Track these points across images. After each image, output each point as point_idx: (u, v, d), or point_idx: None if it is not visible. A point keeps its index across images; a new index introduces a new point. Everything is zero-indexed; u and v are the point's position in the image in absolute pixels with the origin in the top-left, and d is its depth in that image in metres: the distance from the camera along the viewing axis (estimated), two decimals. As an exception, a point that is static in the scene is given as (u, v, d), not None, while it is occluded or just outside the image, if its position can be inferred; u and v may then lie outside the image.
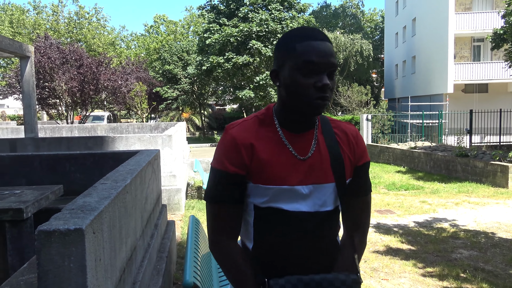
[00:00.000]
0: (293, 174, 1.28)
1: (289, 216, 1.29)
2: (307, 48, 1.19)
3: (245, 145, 1.28)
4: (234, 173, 1.28)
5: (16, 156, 4.29)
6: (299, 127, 1.31)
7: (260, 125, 1.32)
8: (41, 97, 18.14)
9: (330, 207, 1.33)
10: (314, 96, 1.20)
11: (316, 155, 1.30)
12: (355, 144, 1.38)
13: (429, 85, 24.34)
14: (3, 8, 37.75)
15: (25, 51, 6.87)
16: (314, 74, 1.19)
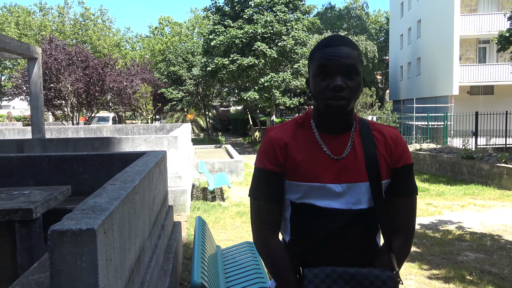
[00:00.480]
0: (326, 173, 1.35)
1: (322, 212, 1.36)
2: (321, 55, 1.30)
3: (280, 145, 1.38)
4: (271, 171, 1.38)
5: (25, 156, 4.32)
6: (335, 129, 1.39)
7: (298, 128, 1.42)
8: (47, 98, 18.25)
9: (364, 205, 1.36)
10: (328, 97, 1.29)
11: (351, 155, 1.36)
12: (393, 146, 1.41)
13: (434, 87, 24.26)
14: (9, 10, 38.02)
15: (32, 52, 6.92)
16: (329, 77, 1.29)
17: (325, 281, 1.32)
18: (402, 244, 1.43)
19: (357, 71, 1.30)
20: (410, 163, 1.42)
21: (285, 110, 42.24)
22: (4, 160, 4.29)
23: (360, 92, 1.36)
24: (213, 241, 4.06)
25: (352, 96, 1.30)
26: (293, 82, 19.91)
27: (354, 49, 1.32)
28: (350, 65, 1.28)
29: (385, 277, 1.32)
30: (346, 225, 1.36)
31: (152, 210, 3.08)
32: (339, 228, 1.35)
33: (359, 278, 1.32)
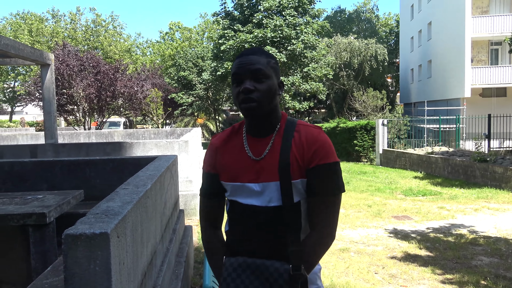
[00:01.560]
0: (247, 173, 1.50)
1: (245, 208, 1.51)
2: (234, 65, 1.47)
3: (213, 150, 1.60)
4: (208, 172, 1.60)
5: (38, 161, 4.38)
6: (258, 132, 1.52)
7: (232, 133, 1.60)
8: (59, 103, 18.47)
9: (276, 203, 1.47)
10: (240, 101, 1.44)
11: (268, 156, 1.48)
12: (306, 147, 1.47)
13: (445, 89, 24.05)
14: (22, 17, 38.63)
15: (45, 59, 7.02)
16: (240, 84, 1.44)
17: (237, 270, 1.47)
18: (314, 240, 1.50)
19: (265, 74, 1.43)
20: (326, 162, 1.46)
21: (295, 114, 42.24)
22: (18, 165, 4.34)
23: (276, 95, 1.47)
24: (224, 245, 4.05)
25: (262, 98, 1.42)
26: (303, 85, 19.90)
27: (263, 57, 1.46)
28: (256, 69, 1.42)
29: (283, 269, 1.43)
30: (265, 221, 1.48)
31: (163, 214, 3.09)
32: (259, 223, 1.49)
33: (262, 269, 1.45)
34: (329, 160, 1.46)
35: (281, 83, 1.54)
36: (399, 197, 9.01)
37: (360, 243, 5.65)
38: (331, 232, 1.51)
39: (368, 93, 23.70)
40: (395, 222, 6.79)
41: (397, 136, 16.52)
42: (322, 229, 1.50)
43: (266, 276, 1.44)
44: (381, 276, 4.45)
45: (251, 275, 1.46)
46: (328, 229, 1.50)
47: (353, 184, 10.76)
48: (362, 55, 30.27)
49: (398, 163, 14.74)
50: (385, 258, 5.02)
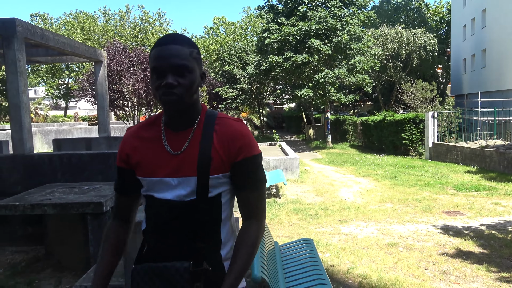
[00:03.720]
0: (163, 168, 1.44)
1: (159, 203, 1.45)
2: (152, 56, 1.38)
3: (127, 144, 1.51)
4: (119, 167, 1.53)
5: (94, 154, 4.60)
6: (177, 125, 1.46)
7: (149, 125, 1.51)
8: (110, 98, 19.24)
9: (193, 197, 1.42)
10: (161, 93, 1.36)
11: (187, 150, 1.43)
12: (230, 141, 1.44)
13: (501, 79, 22.79)
14: (75, 16, 40.46)
15: (98, 56, 7.33)
16: (161, 76, 1.36)
17: (144, 277, 1.41)
18: (242, 233, 1.48)
19: (188, 69, 1.37)
20: (253, 155, 1.45)
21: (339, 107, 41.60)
22: (76, 157, 4.59)
23: (199, 87, 1.44)
24: (271, 237, 4.10)
25: (185, 92, 1.37)
26: (348, 78, 19.52)
27: (186, 47, 1.38)
28: (179, 65, 1.35)
29: (182, 269, 1.39)
30: (180, 215, 1.43)
31: (213, 205, 3.16)
32: (173, 218, 1.43)
33: (164, 271, 1.39)
34: (255, 152, 1.46)
35: (203, 74, 1.49)
36: (450, 192, 8.68)
37: (409, 239, 5.51)
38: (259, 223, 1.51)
39: (417, 84, 22.90)
40: (446, 218, 6.56)
41: (447, 129, 15.87)
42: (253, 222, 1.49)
43: (168, 278, 1.39)
44: (431, 272, 4.33)
45: (158, 281, 1.40)
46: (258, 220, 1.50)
47: (400, 178, 10.49)
48: (410, 45, 29.24)
49: (449, 157, 14.18)
50: (436, 254, 4.88)
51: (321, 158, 16.46)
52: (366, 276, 4.21)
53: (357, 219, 6.63)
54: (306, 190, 9.32)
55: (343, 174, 11.71)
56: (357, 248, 5.13)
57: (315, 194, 8.81)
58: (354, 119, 23.70)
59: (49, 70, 39.30)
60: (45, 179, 4.76)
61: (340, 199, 8.23)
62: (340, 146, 21.24)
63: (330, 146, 20.93)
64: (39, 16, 40.10)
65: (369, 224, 6.30)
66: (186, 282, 1.38)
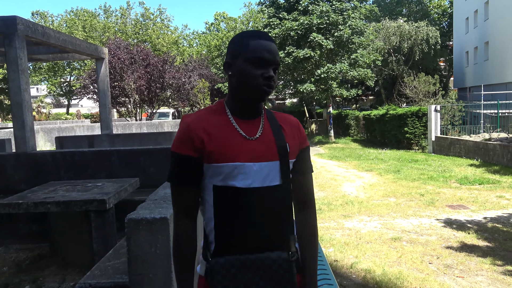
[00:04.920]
0: (243, 153, 1.40)
1: (243, 192, 1.39)
2: (258, 46, 1.41)
3: (197, 130, 1.41)
4: (186, 155, 1.40)
5: (97, 151, 4.60)
6: (247, 114, 1.47)
7: (212, 114, 1.48)
8: (112, 95, 19.25)
9: (277, 182, 1.43)
10: (261, 83, 1.39)
11: (263, 136, 1.45)
12: (298, 130, 1.55)
13: (504, 72, 22.65)
14: (76, 14, 40.43)
15: (100, 53, 7.32)
16: (263, 68, 1.40)
17: (231, 270, 1.36)
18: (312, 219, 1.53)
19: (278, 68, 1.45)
20: (308, 145, 1.58)
21: (342, 102, 41.48)
22: (79, 154, 4.59)
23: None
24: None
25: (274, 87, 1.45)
26: (351, 72, 19.45)
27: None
28: (279, 63, 1.44)
29: (281, 260, 1.38)
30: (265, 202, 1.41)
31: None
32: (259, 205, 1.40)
33: (259, 264, 1.37)
34: (308, 143, 1.59)
35: None
36: (453, 186, 8.66)
37: (413, 233, 5.51)
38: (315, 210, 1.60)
39: (420, 78, 22.80)
40: (450, 212, 6.54)
41: (450, 123, 15.81)
42: (314, 206, 1.57)
43: (264, 269, 1.37)
44: (435, 266, 4.32)
45: (249, 273, 1.37)
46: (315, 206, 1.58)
47: (404, 172, 10.46)
48: (412, 38, 29.09)
49: (452, 151, 14.13)
50: (440, 248, 4.87)
51: (323, 153, 16.43)
52: (370, 270, 4.21)
53: (360, 213, 6.62)
54: (309, 185, 9.29)
55: (346, 169, 11.69)
56: (361, 243, 5.13)
57: (318, 189, 8.80)
58: (357, 113, 23.62)
59: (51, 68, 39.34)
60: (48, 177, 4.77)
61: (343, 193, 8.22)
62: (342, 141, 21.19)
63: (332, 141, 20.89)
64: (40, 14, 40.09)
65: (372, 219, 6.29)
66: (287, 273, 1.38)
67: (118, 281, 2.08)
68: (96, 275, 2.19)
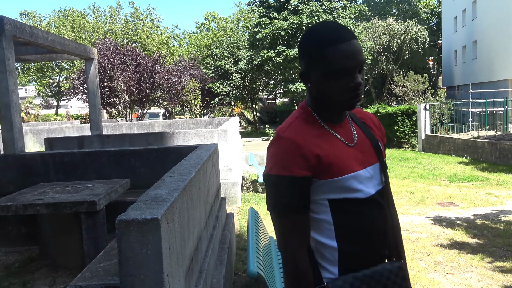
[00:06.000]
0: (353, 161, 1.31)
1: (364, 202, 1.31)
2: (337, 55, 1.19)
3: (308, 145, 1.26)
4: (301, 176, 1.24)
5: (86, 152, 4.57)
6: (337, 119, 1.36)
7: (306, 123, 1.33)
8: (102, 96, 19.12)
9: (382, 185, 1.39)
10: (347, 97, 1.24)
11: (360, 140, 1.38)
12: (379, 126, 1.50)
13: (492, 70, 22.93)
14: (64, 14, 40.05)
15: (89, 53, 7.26)
16: (346, 76, 1.22)
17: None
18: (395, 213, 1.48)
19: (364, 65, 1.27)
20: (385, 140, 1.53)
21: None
22: (68, 156, 4.55)
23: None
24: (266, 232, 4.10)
25: (363, 89, 1.31)
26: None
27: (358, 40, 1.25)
28: (363, 61, 1.24)
29: (396, 268, 1.34)
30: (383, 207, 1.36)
31: (207, 201, 3.16)
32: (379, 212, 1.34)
33: (377, 277, 1.29)
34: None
35: None
36: (443, 183, 8.74)
37: (403, 230, 5.55)
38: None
39: (409, 77, 22.98)
40: (440, 209, 6.61)
41: (440, 121, 15.96)
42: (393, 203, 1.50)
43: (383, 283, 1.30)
44: (426, 263, 4.36)
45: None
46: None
47: (394, 170, 10.54)
48: (401, 38, 29.29)
49: (442, 149, 14.27)
50: (430, 245, 4.91)
51: (314, 152, 16.47)
52: (361, 268, 4.23)
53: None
54: (300, 184, 9.32)
55: (337, 168, 11.73)
56: (352, 241, 5.15)
57: (310, 188, 8.83)
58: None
59: (40, 69, 38.93)
60: (38, 179, 4.73)
61: (334, 192, 8.25)
62: (333, 140, 21.26)
63: (323, 140, 20.95)
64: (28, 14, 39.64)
65: (363, 217, 6.32)
66: (403, 280, 1.33)
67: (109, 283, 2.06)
68: (86, 277, 2.17)
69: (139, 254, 1.66)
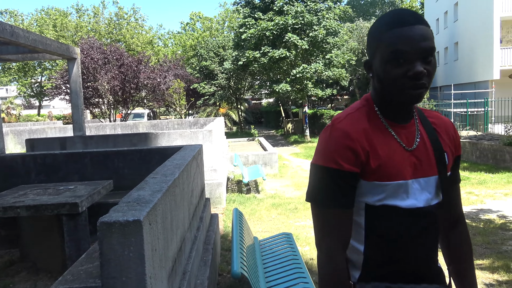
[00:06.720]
0: (406, 168, 1.20)
1: (406, 213, 1.20)
2: (394, 38, 1.12)
3: (360, 140, 1.18)
4: (349, 171, 1.17)
5: (69, 153, 4.51)
6: (400, 118, 1.24)
7: (366, 117, 1.23)
8: (85, 96, 18.87)
9: (437, 200, 1.24)
10: (406, 86, 1.12)
11: (421, 146, 1.24)
12: (454, 135, 1.33)
13: (473, 71, 23.37)
14: (47, 13, 39.42)
15: (72, 53, 7.17)
16: (405, 63, 1.12)
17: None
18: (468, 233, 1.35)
19: (434, 53, 1.14)
20: (461, 153, 1.37)
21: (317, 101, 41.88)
22: (50, 157, 4.49)
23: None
24: (250, 232, 4.11)
25: (430, 82, 1.15)
26: (325, 72, 19.66)
27: (428, 26, 1.15)
28: (428, 48, 1.11)
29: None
30: (428, 225, 1.23)
31: (191, 202, 3.15)
32: (422, 228, 1.22)
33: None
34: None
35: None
36: (425, 183, 8.87)
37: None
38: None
39: (392, 78, 23.22)
40: (422, 208, 6.71)
41: (422, 121, 16.17)
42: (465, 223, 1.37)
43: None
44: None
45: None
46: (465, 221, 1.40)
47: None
48: (385, 39, 29.60)
49: (424, 149, 14.47)
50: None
51: (299, 152, 16.56)
52: (345, 268, 4.27)
53: (335, 212, 6.70)
54: (285, 184, 9.37)
55: (321, 168, 11.80)
56: (336, 241, 5.19)
57: (294, 188, 8.87)
58: (332, 113, 23.91)
59: (21, 68, 38.24)
60: (18, 181, 4.65)
61: (319, 192, 8.30)
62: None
63: (308, 140, 21.08)
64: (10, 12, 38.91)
65: (347, 217, 6.38)
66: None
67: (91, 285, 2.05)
68: (68, 280, 2.15)
69: (121, 256, 1.65)
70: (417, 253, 1.22)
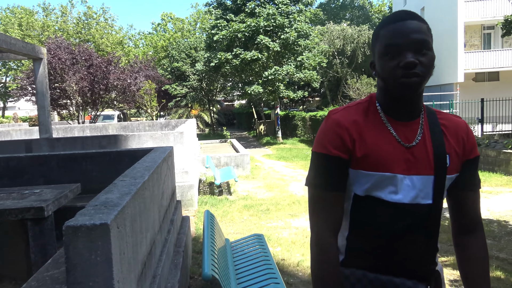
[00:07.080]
0: (397, 162, 1.22)
1: (390, 206, 1.23)
2: (387, 33, 1.19)
3: (347, 129, 1.24)
4: (336, 156, 1.23)
5: (34, 156, 4.39)
6: (403, 115, 1.27)
7: (363, 112, 1.29)
8: (52, 97, 18.37)
9: (429, 200, 1.25)
10: (399, 75, 1.17)
11: (420, 144, 1.25)
12: (466, 137, 1.31)
13: (439, 74, 24.11)
14: (12, 11, 38.15)
15: (38, 53, 6.98)
16: (398, 55, 1.17)
17: (355, 285, 1.26)
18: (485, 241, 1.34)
19: (428, 45, 1.19)
20: (478, 154, 1.35)
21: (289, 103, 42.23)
22: (14, 160, 4.35)
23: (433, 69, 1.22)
24: (221, 234, 4.11)
25: (425, 72, 1.17)
26: (297, 74, 19.85)
27: (423, 22, 1.21)
28: (420, 40, 1.16)
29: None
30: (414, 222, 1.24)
31: (161, 205, 3.12)
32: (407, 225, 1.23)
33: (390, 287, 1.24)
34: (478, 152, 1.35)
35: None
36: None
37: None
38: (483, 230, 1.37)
39: (362, 80, 23.73)
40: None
41: (391, 123, 16.57)
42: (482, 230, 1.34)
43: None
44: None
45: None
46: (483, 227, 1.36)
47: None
48: (355, 42, 30.20)
49: (393, 150, 14.81)
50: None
51: (271, 153, 16.65)
52: (315, 267, 4.32)
53: (307, 212, 6.78)
54: (257, 186, 9.40)
55: (293, 169, 11.92)
56: (307, 241, 5.25)
57: (266, 189, 8.91)
58: (303, 114, 24.16)
59: (-16, 68, 36.84)
60: (-19, 185, 4.48)
61: (290, 193, 8.38)
62: (290, 142, 21.58)
63: (280, 142, 21.21)
64: (-29, 10, 37.42)
65: (318, 217, 6.46)
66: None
67: (58, 291, 2.00)
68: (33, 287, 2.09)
69: (88, 261, 1.62)
70: (405, 250, 1.24)
